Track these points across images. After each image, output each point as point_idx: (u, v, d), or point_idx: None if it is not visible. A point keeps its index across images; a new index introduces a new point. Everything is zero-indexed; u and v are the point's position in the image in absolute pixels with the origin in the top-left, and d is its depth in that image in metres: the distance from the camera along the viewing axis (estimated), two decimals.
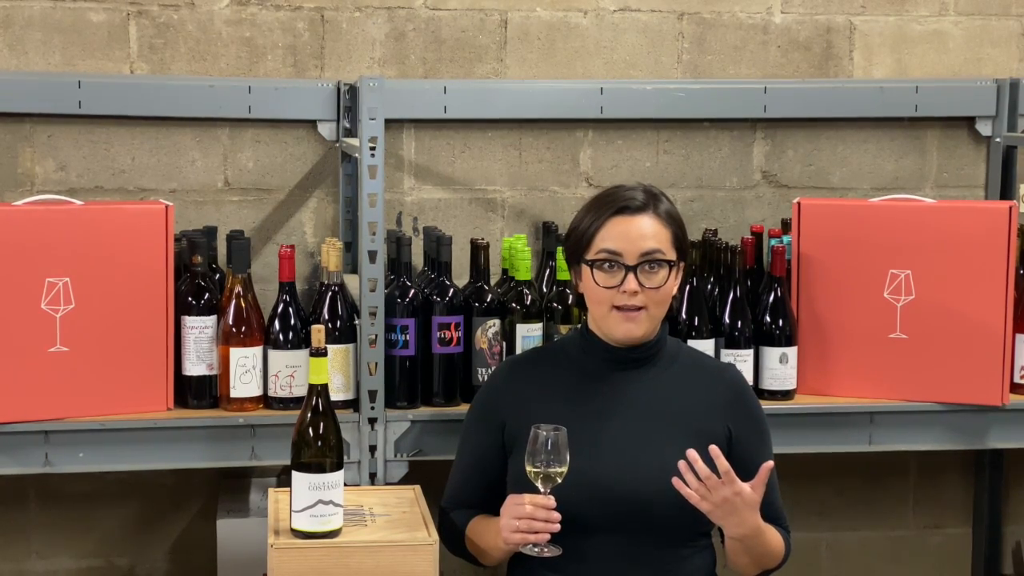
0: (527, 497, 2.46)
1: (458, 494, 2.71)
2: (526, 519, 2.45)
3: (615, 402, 2.60)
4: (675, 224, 2.59)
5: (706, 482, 2.39)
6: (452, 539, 2.69)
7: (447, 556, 2.63)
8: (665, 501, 2.50)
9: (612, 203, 2.57)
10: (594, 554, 2.53)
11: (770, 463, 2.45)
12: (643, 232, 2.54)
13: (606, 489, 2.51)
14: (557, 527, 2.44)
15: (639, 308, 2.54)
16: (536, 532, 2.45)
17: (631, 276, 2.53)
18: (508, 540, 2.48)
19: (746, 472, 2.53)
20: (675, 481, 2.41)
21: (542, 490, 2.45)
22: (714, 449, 2.40)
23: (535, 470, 2.44)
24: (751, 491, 2.42)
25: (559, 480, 2.44)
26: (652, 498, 2.51)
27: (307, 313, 3.05)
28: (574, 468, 2.45)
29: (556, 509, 2.44)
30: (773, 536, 2.57)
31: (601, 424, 2.58)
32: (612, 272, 2.54)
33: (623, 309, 2.54)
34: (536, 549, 2.47)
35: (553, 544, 2.47)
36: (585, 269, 2.57)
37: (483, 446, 2.67)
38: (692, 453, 2.40)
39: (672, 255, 2.56)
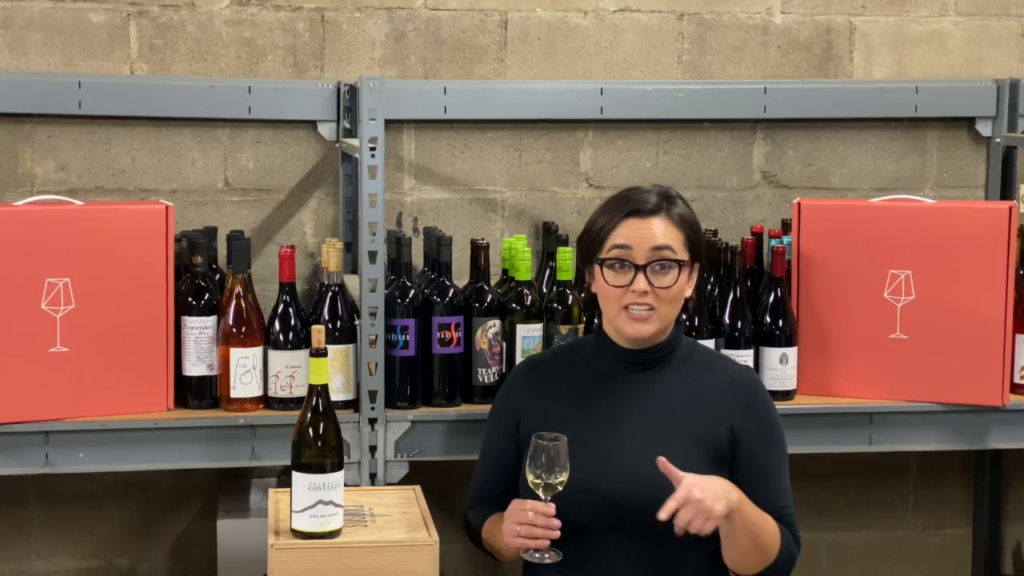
0: (528, 503, 2.47)
1: (480, 491, 2.74)
2: (526, 525, 2.45)
3: (625, 405, 2.60)
4: (688, 226, 2.59)
5: (678, 504, 2.38)
6: (473, 536, 2.73)
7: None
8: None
9: (626, 205, 2.58)
10: (600, 556, 2.54)
11: (662, 459, 2.41)
12: (654, 233, 2.55)
13: (610, 493, 2.51)
14: (557, 534, 2.45)
15: (649, 309, 2.55)
16: (536, 538, 2.45)
17: (640, 276, 2.53)
18: (509, 545, 2.50)
19: (749, 474, 2.54)
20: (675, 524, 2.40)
21: (543, 498, 2.45)
22: (661, 461, 2.40)
23: (536, 479, 2.44)
24: (683, 483, 2.38)
25: (560, 488, 2.44)
26: (654, 502, 2.50)
27: (307, 313, 3.05)
28: (580, 472, 2.46)
29: (562, 512, 2.45)
30: (756, 511, 2.50)
31: (610, 427, 2.58)
32: (622, 272, 2.55)
33: (632, 309, 2.55)
34: (536, 555, 2.47)
35: (554, 549, 2.47)
36: (597, 268, 2.59)
37: (501, 444, 2.70)
38: (662, 460, 2.40)
39: (683, 256, 2.57)
